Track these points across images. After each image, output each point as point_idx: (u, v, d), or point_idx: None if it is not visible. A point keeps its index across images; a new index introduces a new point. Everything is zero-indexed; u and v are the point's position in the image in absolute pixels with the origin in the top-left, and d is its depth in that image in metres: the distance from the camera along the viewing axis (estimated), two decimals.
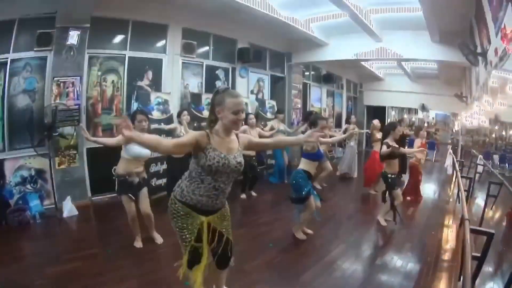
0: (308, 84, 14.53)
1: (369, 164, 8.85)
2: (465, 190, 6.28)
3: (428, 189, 10.08)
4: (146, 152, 4.76)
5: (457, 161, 10.06)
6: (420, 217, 7.33)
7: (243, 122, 6.87)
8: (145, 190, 5.07)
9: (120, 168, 4.89)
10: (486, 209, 6.86)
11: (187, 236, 2.81)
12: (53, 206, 6.82)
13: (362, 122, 17.54)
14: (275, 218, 6.66)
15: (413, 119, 16.82)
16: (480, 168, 9.81)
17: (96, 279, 4.16)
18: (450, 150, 13.40)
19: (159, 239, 5.22)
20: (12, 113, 6.92)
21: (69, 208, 6.74)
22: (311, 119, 5.52)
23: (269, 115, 10.74)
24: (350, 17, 8.99)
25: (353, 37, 10.78)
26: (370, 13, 9.21)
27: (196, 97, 9.17)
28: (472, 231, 3.35)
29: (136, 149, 4.69)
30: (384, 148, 6.07)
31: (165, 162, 7.88)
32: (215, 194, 2.80)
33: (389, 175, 6.23)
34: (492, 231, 3.38)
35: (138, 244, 5.12)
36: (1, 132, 6.82)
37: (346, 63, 14.66)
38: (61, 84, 7.14)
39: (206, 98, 9.10)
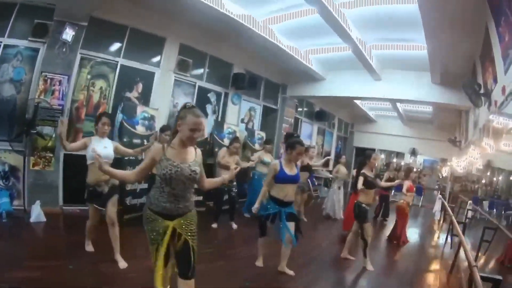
0: (300, 120, 14.34)
1: (349, 207, 8.21)
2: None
3: (414, 233, 9.88)
4: (104, 152, 4.54)
5: (448, 206, 9.93)
6: (406, 262, 7.04)
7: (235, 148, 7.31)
8: (114, 198, 4.88)
9: (89, 176, 4.76)
10: (479, 254, 6.60)
11: (155, 237, 3.04)
12: (22, 207, 6.32)
13: (350, 163, 17.04)
14: (254, 254, 5.82)
15: (402, 163, 16.93)
16: (469, 213, 9.60)
17: None
18: (439, 195, 13.30)
19: (122, 263, 4.73)
20: None
21: (37, 214, 6.20)
22: (289, 141, 5.05)
23: (257, 146, 10.30)
24: (353, 52, 8.91)
25: (351, 74, 10.74)
26: (372, 48, 9.12)
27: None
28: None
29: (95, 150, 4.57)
30: (361, 179, 5.90)
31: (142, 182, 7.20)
32: (175, 200, 3.01)
33: (362, 205, 5.94)
34: (499, 277, 3.21)
35: (89, 247, 5.02)
36: None
37: (340, 101, 14.54)
38: (48, 81, 6.76)
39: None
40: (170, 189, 2.98)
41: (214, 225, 7.54)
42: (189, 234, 3.08)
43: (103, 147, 4.74)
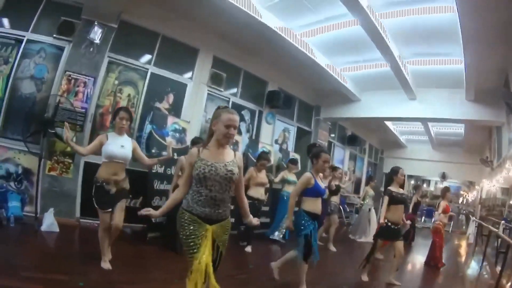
0: (332, 144, 13.44)
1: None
2: None
3: (450, 257, 8.93)
4: (121, 153, 4.19)
5: (482, 235, 9.46)
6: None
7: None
8: (122, 203, 4.29)
9: (100, 172, 4.21)
10: None
11: (194, 242, 2.69)
12: (33, 214, 5.38)
13: (379, 188, 15.87)
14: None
15: (429, 189, 16.18)
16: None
17: None
18: (473, 218, 12.61)
19: (106, 265, 4.13)
20: (13, 97, 5.98)
21: (49, 222, 5.26)
22: (313, 151, 4.63)
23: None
24: (391, 68, 8.25)
25: (386, 94, 10.13)
26: (409, 64, 8.45)
27: None
28: None
29: (110, 149, 4.14)
30: (386, 200, 5.34)
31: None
32: (215, 204, 2.74)
33: (389, 224, 5.27)
34: None
35: (106, 265, 4.15)
36: None
37: (372, 125, 14.00)
38: (72, 81, 6.05)
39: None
40: (207, 191, 2.70)
41: (248, 249, 6.44)
42: (221, 243, 2.83)
43: (120, 146, 4.22)
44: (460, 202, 17.47)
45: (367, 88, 10.39)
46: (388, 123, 13.79)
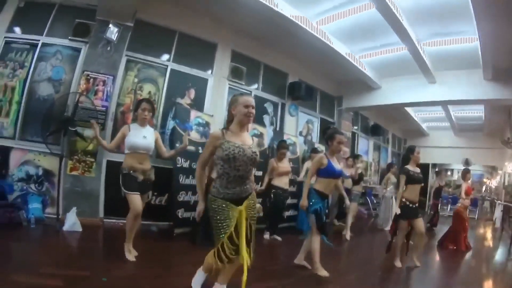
0: (356, 134, 12.85)
1: None
2: None
3: (476, 241, 8.53)
4: (143, 143, 4.07)
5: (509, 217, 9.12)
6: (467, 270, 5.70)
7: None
8: (147, 194, 4.28)
9: (125, 162, 4.07)
10: None
11: (226, 224, 2.78)
12: (55, 216, 5.09)
13: None
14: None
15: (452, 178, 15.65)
16: None
17: None
18: (499, 201, 12.23)
19: (130, 256, 3.99)
20: (31, 100, 5.78)
21: (72, 222, 4.95)
22: (328, 133, 4.53)
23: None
24: (409, 51, 7.75)
25: (406, 79, 9.65)
26: (425, 46, 7.93)
27: None
28: None
29: (132, 140, 4.03)
30: (403, 178, 5.18)
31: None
32: (242, 181, 2.84)
33: (405, 201, 5.06)
34: None
35: (130, 256, 3.99)
36: (15, 116, 5.69)
37: (394, 113, 13.51)
38: (91, 80, 5.74)
39: (253, 128, 7.30)
40: (235, 171, 2.78)
41: (275, 236, 6.40)
42: (253, 219, 2.94)
43: (142, 137, 4.08)
44: (483, 191, 16.75)
45: (386, 74, 9.87)
46: (410, 111, 13.23)
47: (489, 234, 10.55)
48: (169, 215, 5.86)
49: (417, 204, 5.14)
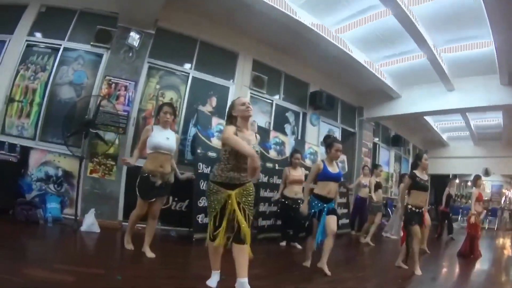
0: (377, 145, 12.40)
1: None
2: None
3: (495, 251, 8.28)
4: (166, 144, 4.00)
5: None
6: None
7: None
8: (164, 198, 4.22)
9: (147, 164, 4.01)
10: None
11: (215, 206, 2.98)
12: (73, 217, 4.89)
13: None
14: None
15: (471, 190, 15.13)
16: None
17: None
18: None
19: (149, 254, 3.91)
20: (52, 102, 5.70)
21: (90, 223, 4.74)
22: (327, 142, 4.80)
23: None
24: (428, 58, 7.46)
25: (424, 88, 9.35)
26: (442, 52, 7.63)
27: (263, 133, 6.85)
28: None
29: (155, 140, 3.95)
30: (407, 180, 5.23)
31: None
32: (239, 170, 2.97)
33: (410, 207, 4.98)
34: None
35: (129, 246, 4.07)
36: (36, 118, 5.60)
37: (413, 124, 13.09)
38: (113, 85, 5.62)
39: (274, 136, 7.10)
40: (236, 162, 2.96)
41: (296, 244, 6.06)
42: (247, 203, 3.00)
43: (165, 138, 4.01)
44: (503, 202, 15.91)
45: (406, 83, 9.58)
46: (430, 120, 12.79)
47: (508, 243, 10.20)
48: (189, 221, 5.60)
49: (422, 209, 5.07)
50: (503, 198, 16.03)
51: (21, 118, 5.62)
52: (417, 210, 4.99)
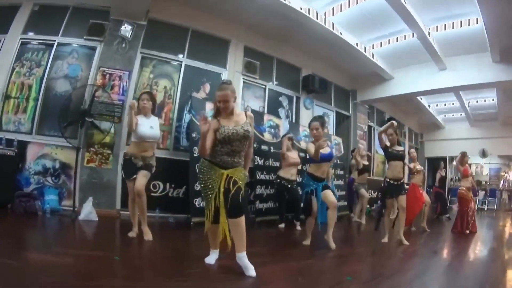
0: (372, 128, 11.95)
1: (408, 199, 5.60)
2: None
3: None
4: (151, 133, 4.06)
5: None
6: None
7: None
8: (146, 172, 4.03)
9: (129, 148, 4.16)
10: None
11: (211, 186, 2.90)
12: (71, 208, 4.77)
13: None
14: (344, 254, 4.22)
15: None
16: None
17: (82, 282, 2.33)
18: None
19: (148, 235, 3.85)
20: (48, 96, 5.56)
21: (88, 211, 4.64)
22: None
23: (334, 152, 7.28)
24: (418, 37, 7.28)
25: (417, 68, 9.10)
26: (432, 31, 7.41)
27: (257, 116, 6.69)
28: None
29: (141, 130, 3.97)
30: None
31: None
32: (232, 154, 2.95)
33: (388, 180, 5.08)
34: None
35: (132, 233, 3.97)
36: (32, 112, 5.47)
37: (408, 107, 12.78)
38: (107, 76, 5.50)
39: (268, 119, 6.98)
40: (229, 146, 2.93)
41: (282, 226, 5.92)
42: (238, 178, 2.94)
43: (149, 127, 4.06)
44: (501, 185, 15.67)
45: (398, 64, 9.34)
46: (424, 102, 12.48)
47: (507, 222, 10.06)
48: (186, 207, 5.48)
49: (400, 181, 5.07)
50: (501, 181, 15.90)
51: (18, 113, 5.50)
52: (395, 183, 5.02)
